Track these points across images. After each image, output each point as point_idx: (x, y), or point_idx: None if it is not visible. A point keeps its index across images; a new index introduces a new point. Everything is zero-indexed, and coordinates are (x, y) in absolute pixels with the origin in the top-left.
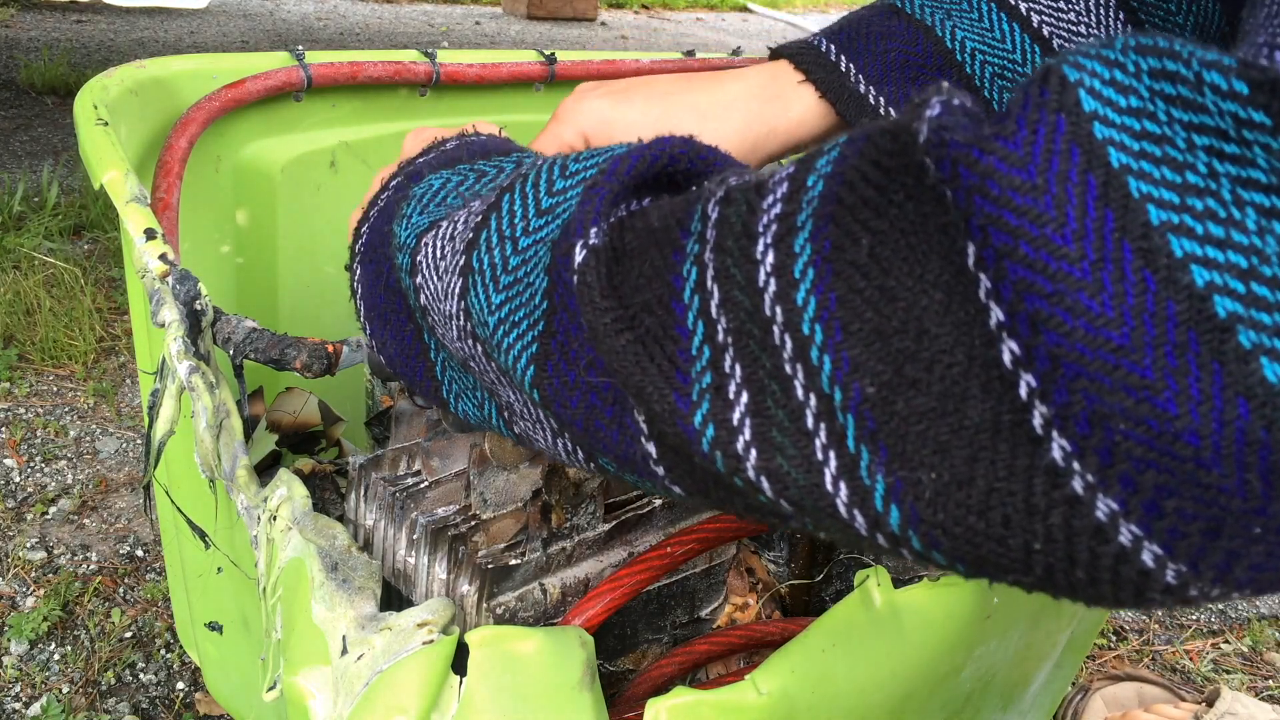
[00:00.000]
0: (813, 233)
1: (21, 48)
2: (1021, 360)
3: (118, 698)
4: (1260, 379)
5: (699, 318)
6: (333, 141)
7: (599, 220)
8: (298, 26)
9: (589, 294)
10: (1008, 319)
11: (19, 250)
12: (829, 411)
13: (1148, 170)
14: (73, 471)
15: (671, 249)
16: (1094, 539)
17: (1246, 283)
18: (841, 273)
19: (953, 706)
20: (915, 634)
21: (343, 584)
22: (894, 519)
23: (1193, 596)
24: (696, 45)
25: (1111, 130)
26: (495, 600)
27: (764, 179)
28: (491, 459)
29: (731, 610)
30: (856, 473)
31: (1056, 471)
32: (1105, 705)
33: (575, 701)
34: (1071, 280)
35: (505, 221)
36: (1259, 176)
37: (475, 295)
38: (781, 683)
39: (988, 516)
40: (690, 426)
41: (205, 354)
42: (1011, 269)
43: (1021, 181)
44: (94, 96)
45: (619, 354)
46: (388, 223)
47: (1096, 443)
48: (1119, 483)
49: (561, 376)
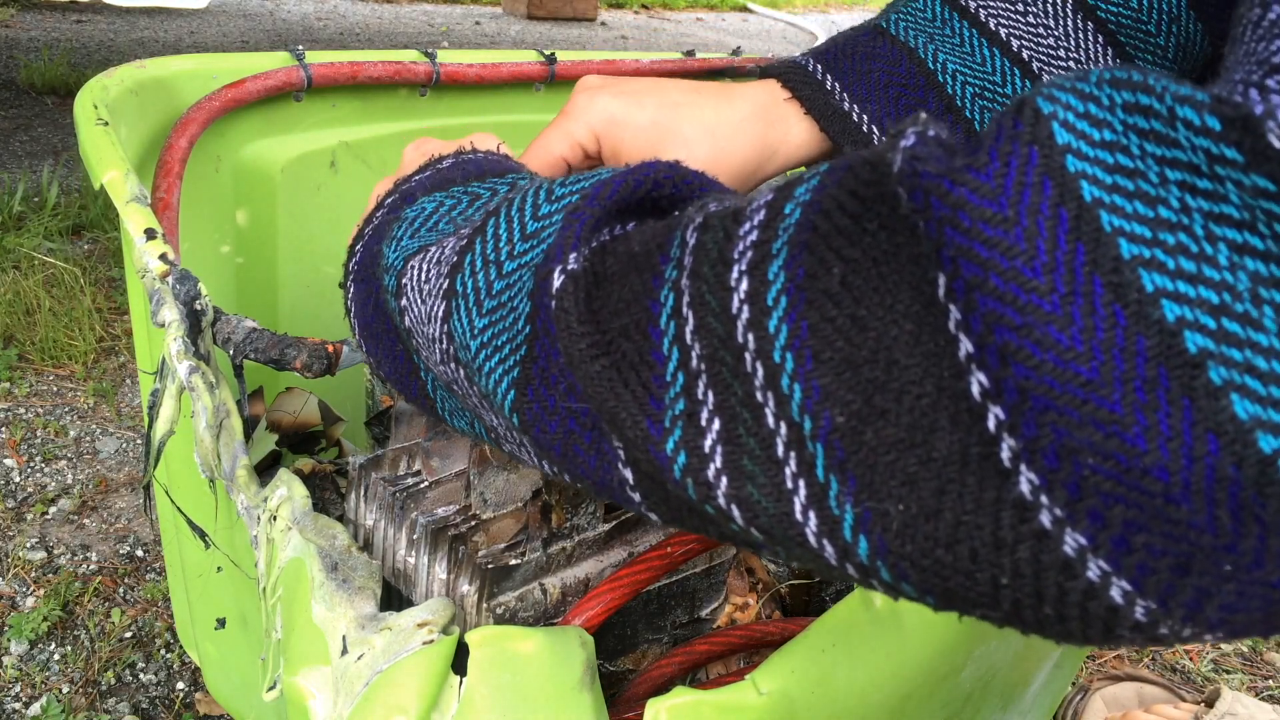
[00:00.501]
0: (787, 260)
1: (21, 48)
2: (990, 392)
3: (118, 698)
4: (1230, 415)
5: (674, 344)
6: (333, 141)
7: (579, 245)
8: (298, 26)
9: (566, 319)
10: (977, 351)
11: (19, 250)
12: (799, 440)
13: (1120, 204)
14: (73, 471)
15: (651, 274)
16: (1062, 574)
17: (1217, 319)
18: (814, 301)
19: (953, 706)
20: (915, 634)
21: (343, 584)
22: (863, 549)
23: (1163, 635)
24: (696, 45)
25: (1084, 164)
26: (495, 600)
27: (742, 206)
28: (491, 459)
29: (731, 610)
30: (825, 502)
31: (1024, 505)
32: (1105, 705)
33: (575, 701)
34: (1041, 313)
35: (490, 246)
36: (1231, 212)
37: (458, 319)
38: (781, 683)
39: (955, 550)
40: (662, 453)
41: (205, 354)
42: (981, 301)
43: (992, 214)
44: (94, 96)
45: (594, 379)
46: (379, 243)
47: (1065, 476)
48: (1087, 517)
49: (541, 402)
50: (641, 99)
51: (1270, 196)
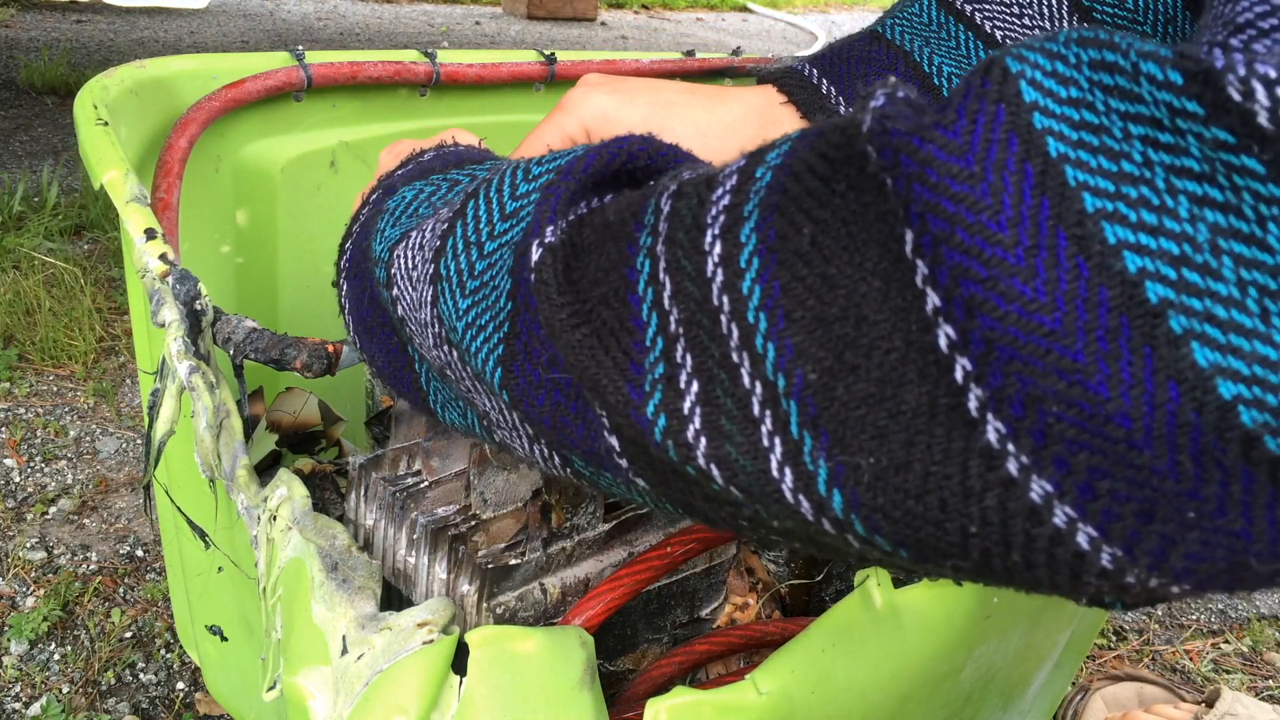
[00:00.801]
0: (758, 223)
1: (21, 48)
2: (957, 344)
3: (118, 698)
4: (1190, 363)
5: (653, 309)
6: (333, 141)
7: (555, 218)
8: (298, 26)
9: (545, 290)
10: (944, 304)
11: (19, 250)
12: (773, 398)
13: (1084, 159)
14: (73, 471)
15: (626, 243)
16: (1029, 521)
17: (1178, 269)
18: (785, 261)
19: (953, 706)
20: (915, 634)
21: (343, 584)
22: (837, 503)
23: (1130, 584)
24: (696, 45)
25: (1051, 120)
26: (495, 600)
27: (715, 173)
28: (491, 459)
29: (731, 610)
30: (800, 458)
31: (991, 454)
32: (1105, 705)
33: (575, 701)
34: (1006, 266)
35: (470, 228)
36: (1191, 165)
37: (445, 302)
38: (781, 683)
39: (925, 500)
40: (643, 417)
41: (205, 354)
42: (948, 254)
43: (959, 169)
44: (94, 96)
45: (575, 348)
46: (366, 239)
47: (1030, 425)
48: (1052, 464)
49: (527, 376)
50: (634, 97)
51: (1229, 149)
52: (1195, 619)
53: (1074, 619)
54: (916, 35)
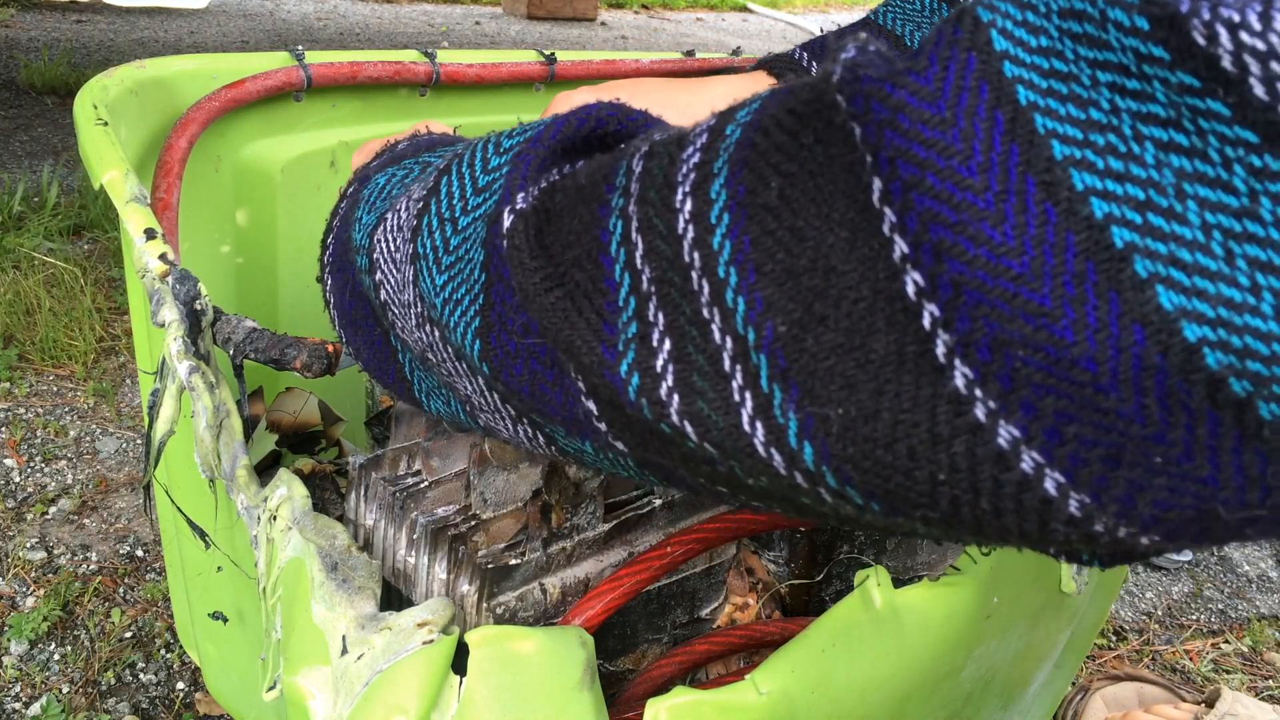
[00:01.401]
0: (728, 178)
1: (21, 48)
2: (925, 290)
3: (118, 698)
4: (1156, 306)
5: (625, 270)
6: (333, 141)
7: (526, 185)
8: (298, 26)
9: (518, 256)
10: (912, 250)
11: (19, 250)
12: (744, 353)
13: (1054, 107)
14: (73, 471)
15: (598, 204)
16: (997, 467)
17: (1143, 213)
18: (754, 215)
19: (953, 706)
20: (915, 634)
21: (343, 584)
22: (808, 455)
23: (1098, 533)
24: (696, 45)
25: (1021, 69)
26: (495, 600)
27: (686, 133)
28: (491, 459)
29: (731, 610)
30: (771, 412)
31: (959, 399)
32: (1105, 705)
33: (575, 701)
34: (975, 210)
35: (444, 204)
36: (1158, 111)
37: (424, 280)
38: (781, 683)
39: (894, 449)
40: (617, 376)
41: (205, 354)
42: (918, 200)
43: (931, 115)
44: (94, 96)
45: (549, 311)
46: (346, 230)
47: (997, 369)
48: (1020, 409)
49: (503, 346)
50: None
51: (1195, 93)
52: (1195, 619)
53: (1074, 619)
54: (909, 20)
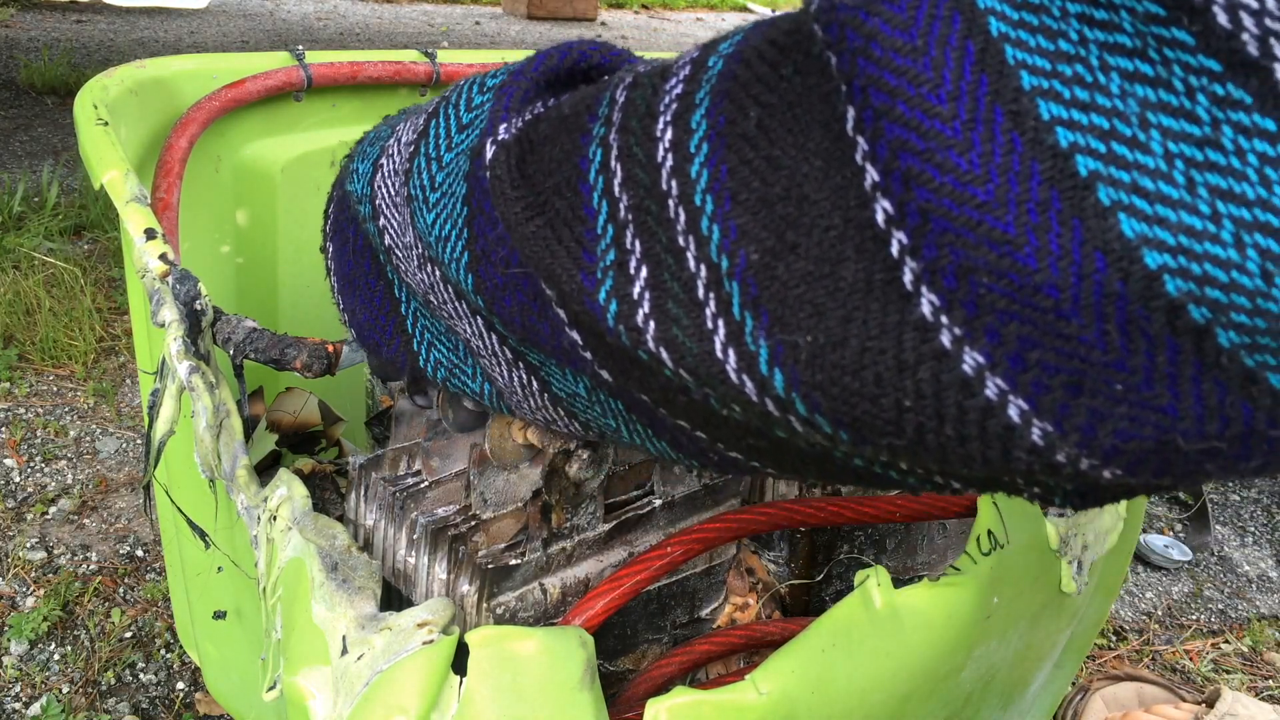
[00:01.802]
0: (709, 109)
1: (21, 48)
2: (894, 218)
3: (118, 698)
4: (1117, 234)
5: (603, 197)
6: (333, 141)
7: (508, 116)
8: (298, 26)
9: (500, 186)
10: (882, 179)
11: (19, 250)
12: (717, 280)
13: (1024, 39)
14: (73, 471)
15: (579, 133)
16: (961, 393)
17: (1107, 142)
18: (732, 145)
19: (953, 706)
20: (915, 634)
21: (343, 584)
22: (778, 382)
23: (1060, 463)
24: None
25: (993, 1)
26: (495, 600)
27: (669, 64)
28: (491, 459)
29: (731, 610)
30: (742, 339)
31: (925, 326)
32: (1105, 705)
33: (575, 701)
34: (943, 139)
35: (432, 145)
36: (1124, 41)
37: (420, 219)
38: (781, 683)
39: (861, 375)
40: (596, 303)
41: (205, 354)
42: (888, 128)
43: (903, 43)
44: (94, 96)
45: (529, 240)
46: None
47: (963, 296)
48: (984, 334)
49: (492, 279)
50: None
51: (1160, 22)
52: (1195, 619)
53: (1074, 619)
54: None
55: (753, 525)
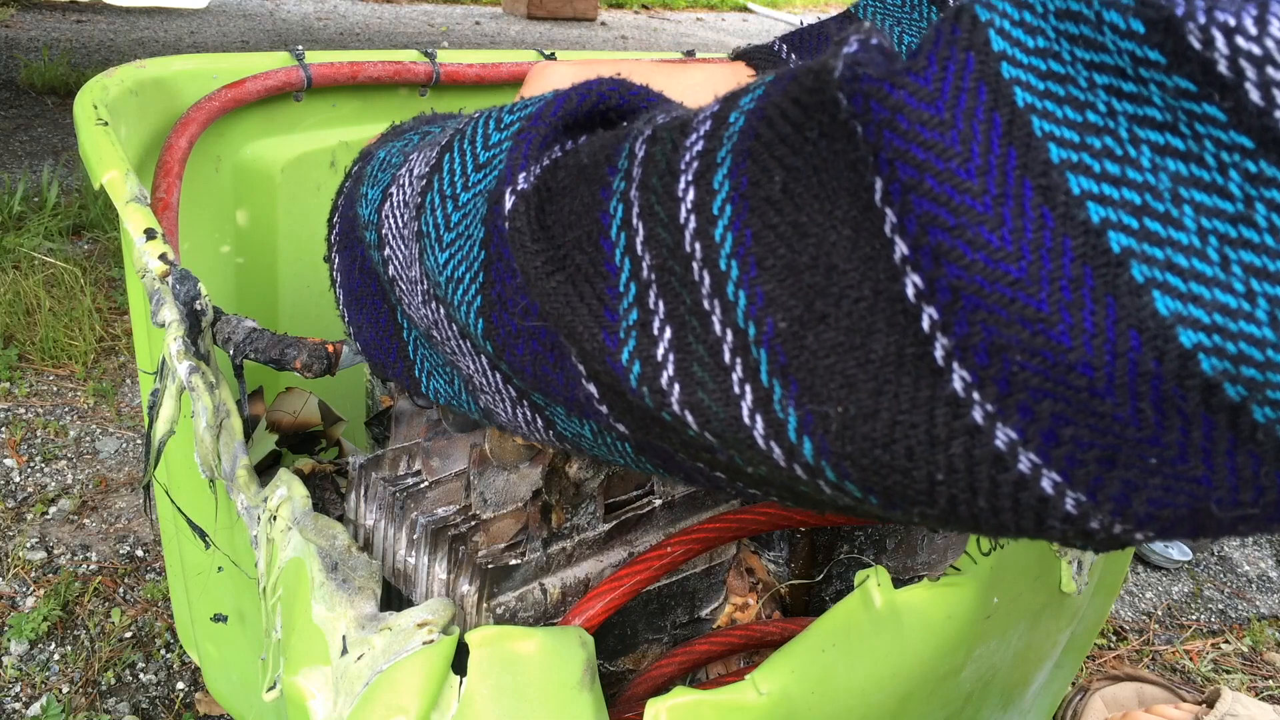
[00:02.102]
0: (731, 169)
1: (21, 48)
2: (924, 293)
3: (118, 698)
4: (1152, 312)
5: (625, 254)
6: (333, 141)
7: (527, 164)
8: (298, 26)
9: (520, 239)
10: (911, 253)
11: (19, 250)
12: (744, 346)
13: (1051, 110)
14: (73, 471)
15: (599, 186)
16: (994, 467)
17: (1139, 218)
18: (757, 209)
19: (953, 706)
20: (915, 634)
21: (343, 584)
22: (807, 450)
23: (1094, 530)
24: (696, 45)
25: (1019, 70)
26: (495, 600)
27: (689, 118)
28: (491, 459)
29: (731, 610)
30: (771, 406)
31: (957, 402)
32: (1105, 705)
33: (575, 701)
34: (973, 214)
35: (446, 181)
36: (1154, 114)
37: (429, 258)
38: (781, 683)
39: (892, 449)
40: (618, 363)
41: (205, 354)
42: (916, 202)
43: (930, 115)
44: (94, 96)
45: (550, 295)
46: (352, 208)
47: (995, 373)
48: (1017, 412)
49: (506, 326)
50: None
51: (1191, 97)
52: (1195, 619)
53: (1074, 619)
54: (889, 15)
55: (753, 525)
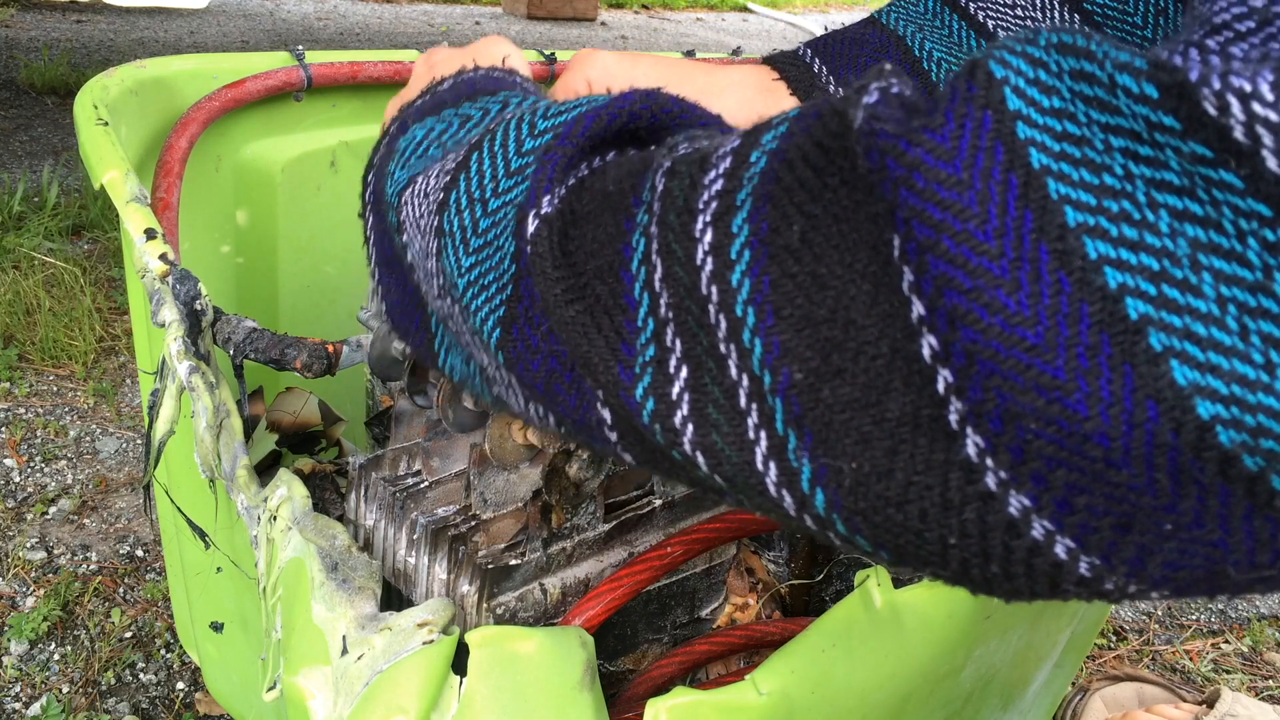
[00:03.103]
0: (751, 213)
1: (21, 48)
2: (939, 355)
3: (118, 698)
4: (1169, 381)
5: (645, 289)
6: (333, 141)
7: (551, 187)
8: (298, 26)
9: (541, 264)
10: (928, 313)
11: (19, 250)
12: (760, 393)
13: (1066, 171)
14: (73, 471)
15: (624, 216)
16: (1007, 534)
17: (1158, 285)
18: (775, 256)
19: (953, 706)
20: (915, 634)
21: (343, 584)
22: (819, 502)
23: (1109, 590)
24: (696, 45)
25: (1034, 131)
26: (495, 600)
27: (709, 153)
28: (491, 459)
29: (731, 610)
30: (785, 454)
31: (971, 467)
32: (1105, 705)
33: (575, 701)
34: (990, 277)
35: (475, 183)
36: (1171, 179)
37: (448, 257)
38: (781, 683)
39: (905, 509)
40: (632, 398)
41: (205, 354)
42: (933, 263)
43: (947, 176)
44: (94, 96)
45: (569, 324)
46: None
47: (1009, 440)
48: (1030, 480)
49: (525, 340)
50: (638, 59)
51: (1207, 163)
52: (1195, 619)
53: (1074, 619)
54: (911, 22)
55: (753, 525)
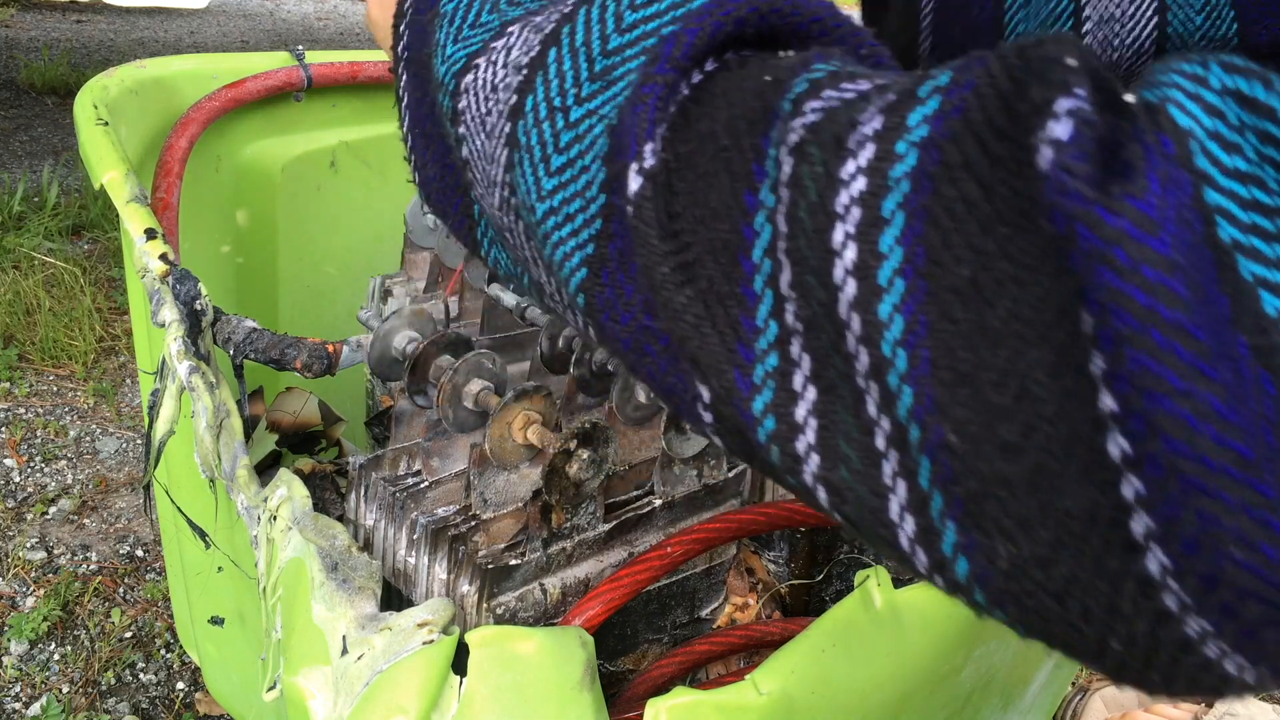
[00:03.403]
0: (904, 232)
1: (21, 48)
2: (1131, 461)
3: (118, 698)
4: None
5: (768, 285)
6: (333, 141)
7: (653, 129)
8: (298, 26)
9: (645, 234)
10: (1122, 412)
11: (19, 250)
12: (903, 442)
13: (1259, 249)
14: (73, 471)
15: (744, 187)
16: (1180, 649)
17: None
18: (937, 296)
19: (953, 706)
20: (915, 634)
21: (343, 584)
22: (961, 570)
23: (1250, 684)
24: None
25: (1220, 196)
26: (495, 600)
27: (843, 130)
28: (491, 459)
29: (731, 610)
30: (927, 511)
31: (1150, 583)
32: (1105, 705)
33: (575, 701)
34: (1202, 380)
35: (554, 86)
36: None
37: (521, 173)
38: (781, 683)
39: (1066, 604)
40: (749, 411)
41: (205, 354)
42: (1134, 358)
43: (1155, 255)
44: (94, 96)
45: (677, 312)
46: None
47: (1202, 566)
48: (1218, 610)
49: (617, 289)
50: None
51: None
52: None
53: None
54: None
55: (753, 525)
